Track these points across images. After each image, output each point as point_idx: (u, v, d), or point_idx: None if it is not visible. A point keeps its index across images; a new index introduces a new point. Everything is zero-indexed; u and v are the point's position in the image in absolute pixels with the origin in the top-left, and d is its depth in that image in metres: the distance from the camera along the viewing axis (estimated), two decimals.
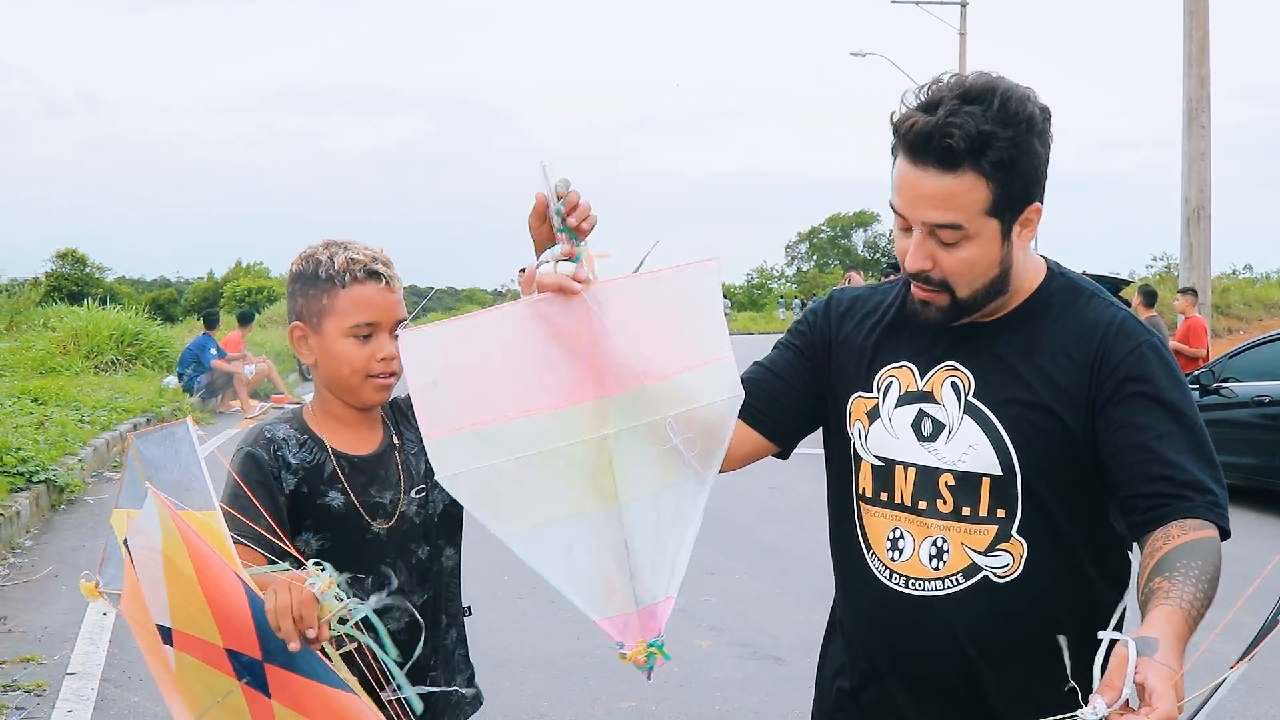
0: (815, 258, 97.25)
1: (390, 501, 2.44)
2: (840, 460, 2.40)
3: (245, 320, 20.61)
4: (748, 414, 2.41)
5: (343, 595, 1.96)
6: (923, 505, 2.23)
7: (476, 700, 2.61)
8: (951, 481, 2.20)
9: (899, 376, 2.31)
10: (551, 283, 2.17)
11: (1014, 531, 2.18)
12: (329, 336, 2.41)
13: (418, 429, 2.43)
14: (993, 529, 2.19)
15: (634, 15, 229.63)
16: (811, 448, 2.54)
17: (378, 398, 2.44)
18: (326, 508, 2.39)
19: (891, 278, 12.84)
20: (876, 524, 2.30)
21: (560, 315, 2.17)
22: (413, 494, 2.46)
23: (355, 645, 1.98)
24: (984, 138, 2.04)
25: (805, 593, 7.53)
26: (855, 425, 2.35)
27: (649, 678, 2.26)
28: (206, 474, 2.15)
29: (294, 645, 1.94)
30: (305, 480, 2.40)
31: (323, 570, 1.97)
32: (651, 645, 2.22)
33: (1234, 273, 42.42)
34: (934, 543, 2.22)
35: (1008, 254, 2.17)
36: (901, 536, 2.26)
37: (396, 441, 2.50)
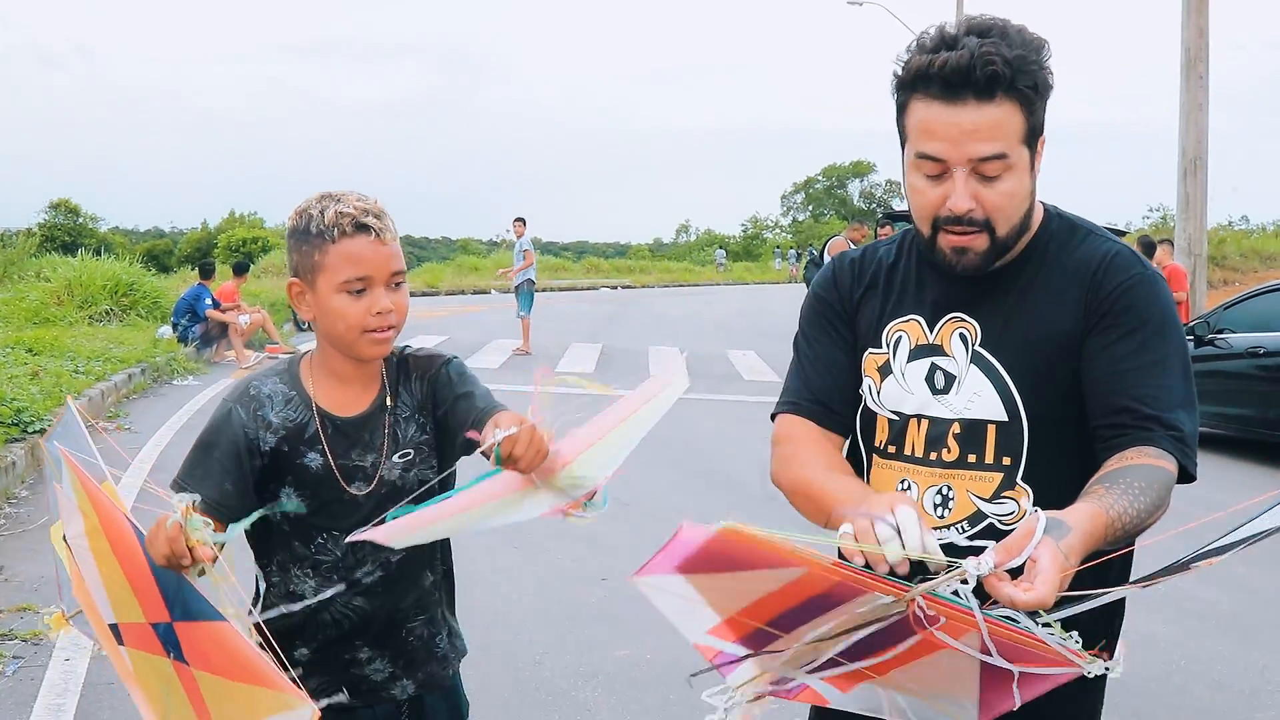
0: (811, 208, 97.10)
1: (371, 465, 2.42)
2: (855, 416, 2.40)
3: (240, 270, 20.52)
4: (841, 427, 2.38)
5: (207, 521, 1.99)
6: (932, 455, 2.23)
7: (459, 650, 2.63)
8: (959, 430, 2.21)
9: (908, 330, 2.30)
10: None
11: (1019, 479, 2.18)
12: (322, 293, 2.36)
13: (416, 390, 2.47)
14: (998, 476, 2.19)
15: None
16: None
17: (376, 351, 2.39)
18: (305, 468, 2.40)
19: (888, 229, 12.90)
20: (884, 476, 2.30)
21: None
22: (395, 459, 2.43)
23: (213, 557, 2.01)
24: (1019, 62, 2.04)
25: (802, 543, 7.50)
26: (866, 381, 2.34)
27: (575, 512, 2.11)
28: (93, 446, 2.21)
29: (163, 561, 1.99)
30: (286, 440, 2.40)
31: (183, 502, 1.99)
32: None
33: (1230, 224, 42.35)
34: (939, 490, 2.22)
35: (1033, 186, 2.17)
36: (909, 487, 2.26)
37: (390, 403, 2.46)
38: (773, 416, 2.43)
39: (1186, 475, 2.07)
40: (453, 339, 21.32)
